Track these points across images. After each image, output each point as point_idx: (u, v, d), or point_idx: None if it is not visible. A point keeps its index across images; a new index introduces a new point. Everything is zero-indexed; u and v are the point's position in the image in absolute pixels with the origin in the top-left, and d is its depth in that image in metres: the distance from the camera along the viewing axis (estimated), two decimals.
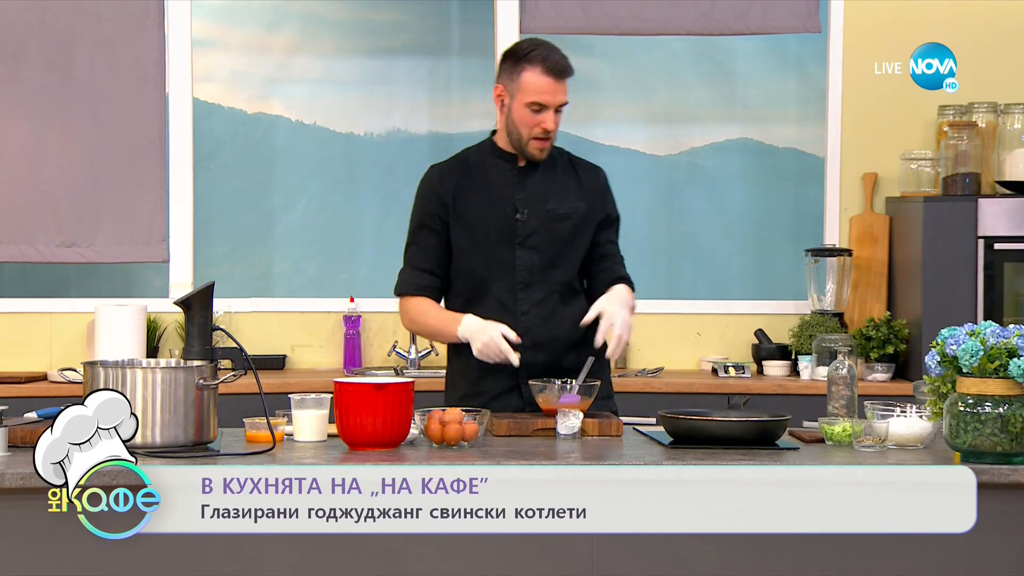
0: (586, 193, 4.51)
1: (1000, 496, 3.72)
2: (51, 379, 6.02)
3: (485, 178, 4.48)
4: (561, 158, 4.54)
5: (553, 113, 4.38)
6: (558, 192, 4.48)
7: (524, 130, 4.41)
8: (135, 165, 6.25)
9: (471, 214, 4.45)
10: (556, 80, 4.36)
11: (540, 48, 4.38)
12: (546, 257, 4.45)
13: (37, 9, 6.18)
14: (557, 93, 4.37)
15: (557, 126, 4.42)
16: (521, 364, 4.38)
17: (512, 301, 4.42)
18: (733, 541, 3.71)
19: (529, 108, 4.37)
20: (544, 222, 4.45)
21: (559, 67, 4.36)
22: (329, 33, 6.76)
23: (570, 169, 4.54)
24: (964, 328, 3.79)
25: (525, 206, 4.45)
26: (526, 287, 4.44)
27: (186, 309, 3.87)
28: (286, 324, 6.46)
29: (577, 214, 4.48)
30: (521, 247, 4.44)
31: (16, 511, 3.54)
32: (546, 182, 4.48)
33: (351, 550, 3.63)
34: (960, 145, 6.20)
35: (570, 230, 4.47)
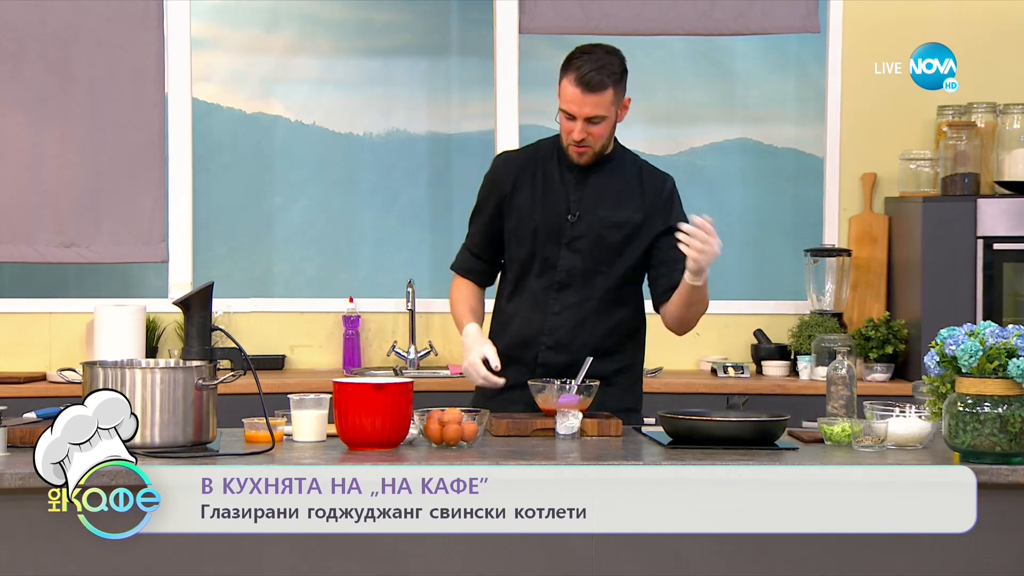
0: (647, 203, 4.48)
1: (999, 496, 3.72)
2: (50, 379, 6.02)
3: (547, 173, 4.48)
4: (632, 165, 4.52)
5: (583, 123, 4.35)
6: (616, 199, 4.46)
7: (563, 136, 4.42)
8: (134, 165, 6.25)
9: (525, 207, 4.47)
10: (584, 92, 4.32)
11: (583, 57, 4.35)
12: (590, 262, 4.44)
13: (37, 9, 6.18)
14: (584, 105, 4.33)
15: (596, 136, 4.37)
16: (540, 363, 4.43)
17: (546, 300, 4.43)
18: (733, 541, 3.71)
19: (563, 115, 4.38)
20: (595, 227, 4.44)
21: (586, 80, 4.31)
22: (328, 33, 6.76)
23: (636, 177, 4.51)
24: (963, 328, 3.79)
25: (579, 208, 4.45)
26: (563, 288, 4.44)
27: (185, 309, 3.87)
28: (285, 324, 6.46)
29: (631, 224, 4.45)
30: (567, 248, 4.44)
31: (16, 511, 3.54)
32: (606, 188, 4.46)
33: (351, 550, 3.63)
34: (959, 145, 6.20)
35: (621, 239, 4.45)
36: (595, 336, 4.45)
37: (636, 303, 4.56)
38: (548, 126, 6.65)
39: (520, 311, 4.48)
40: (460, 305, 4.56)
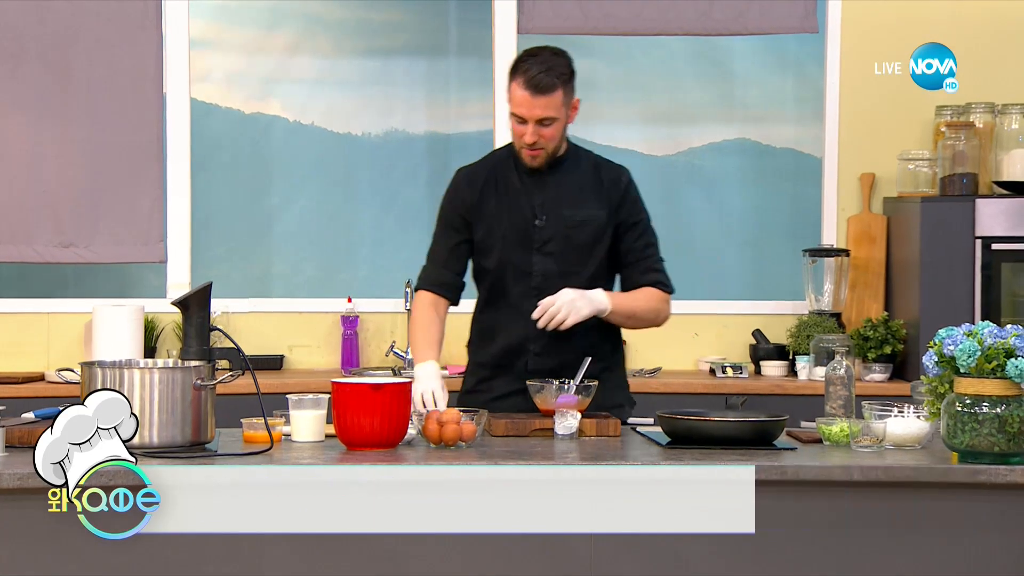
0: (607, 198, 4.49)
1: (998, 496, 3.72)
2: (49, 379, 6.01)
3: (507, 181, 4.48)
4: (586, 161, 4.53)
5: (534, 126, 4.35)
6: (577, 198, 4.47)
7: (514, 140, 4.43)
8: (133, 165, 6.25)
9: (492, 216, 4.47)
10: (532, 95, 4.32)
11: (530, 60, 4.36)
12: (563, 264, 4.45)
13: (36, 9, 6.18)
14: (534, 108, 4.33)
15: (548, 139, 4.38)
16: (531, 370, 4.41)
17: (527, 306, 4.42)
18: (731, 541, 3.71)
19: (513, 118, 4.38)
20: (562, 229, 4.44)
21: (535, 82, 4.31)
22: (327, 33, 6.76)
23: (593, 173, 4.52)
24: (962, 328, 3.79)
25: (544, 212, 4.45)
26: (540, 293, 4.43)
27: (184, 309, 3.87)
28: (284, 324, 6.46)
29: (596, 221, 4.46)
30: (539, 253, 4.45)
31: (15, 511, 3.54)
32: (566, 188, 4.47)
33: (351, 550, 3.63)
34: (958, 145, 6.20)
35: (588, 237, 4.46)
36: (580, 337, 4.43)
37: None
38: None
39: (501, 321, 4.48)
40: (423, 333, 4.48)
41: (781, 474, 3.70)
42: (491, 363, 4.44)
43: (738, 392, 5.79)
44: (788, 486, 3.72)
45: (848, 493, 3.72)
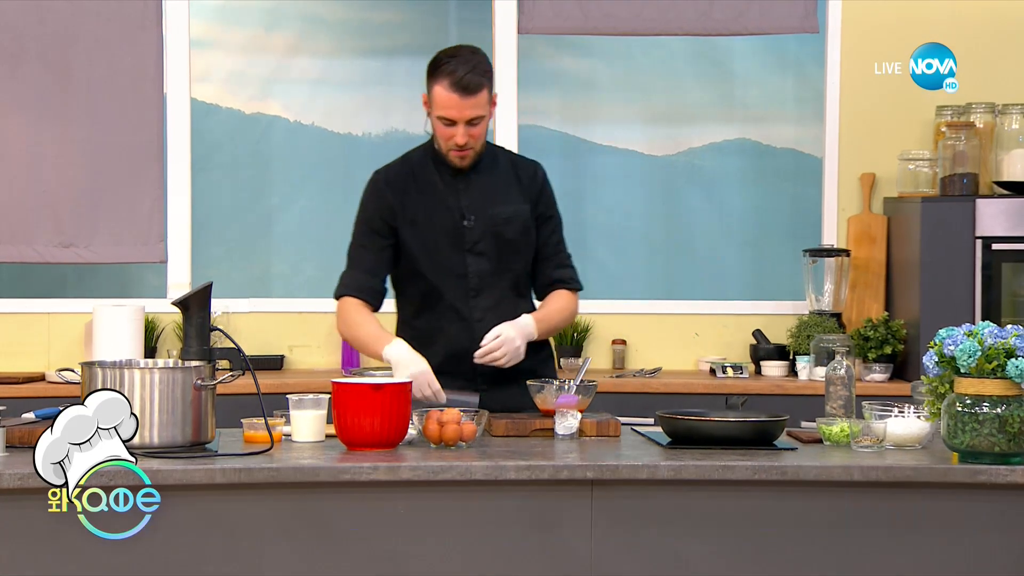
0: (526, 192, 4.49)
1: (998, 496, 3.72)
2: (49, 379, 6.02)
3: (429, 183, 4.46)
4: (503, 157, 4.52)
5: (464, 127, 4.33)
6: (501, 195, 4.46)
7: (442, 142, 4.39)
8: (133, 165, 6.25)
9: (420, 220, 4.43)
10: (462, 96, 4.30)
11: (452, 61, 4.32)
12: (496, 262, 4.43)
13: (36, 9, 6.18)
14: (464, 109, 4.31)
15: (476, 138, 4.36)
16: (480, 372, 4.39)
17: (466, 308, 4.39)
18: (732, 541, 3.71)
19: (441, 122, 4.35)
20: (491, 227, 4.43)
21: (463, 83, 4.29)
22: (327, 33, 6.76)
23: (510, 169, 4.51)
24: (962, 328, 3.79)
25: (471, 212, 4.43)
26: (478, 294, 4.42)
27: (184, 309, 3.87)
28: (284, 324, 6.46)
29: (522, 216, 4.46)
30: (471, 254, 4.43)
31: (15, 511, 3.54)
32: (489, 186, 4.46)
33: (351, 550, 3.64)
34: (958, 145, 6.20)
35: (516, 233, 4.45)
36: None
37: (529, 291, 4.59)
38: (546, 126, 6.67)
39: (440, 325, 4.43)
40: (368, 326, 4.41)
41: (781, 474, 3.71)
42: (435, 369, 4.31)
43: (738, 392, 5.79)
44: (788, 486, 3.72)
45: (848, 493, 3.72)
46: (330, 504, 3.64)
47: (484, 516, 3.69)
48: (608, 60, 6.81)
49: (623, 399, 5.81)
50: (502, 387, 4.39)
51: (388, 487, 3.65)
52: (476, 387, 4.36)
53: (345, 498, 3.64)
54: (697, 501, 3.72)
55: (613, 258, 6.83)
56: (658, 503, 3.72)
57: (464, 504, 3.68)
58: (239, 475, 3.59)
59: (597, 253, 6.77)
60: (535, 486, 3.68)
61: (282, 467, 3.62)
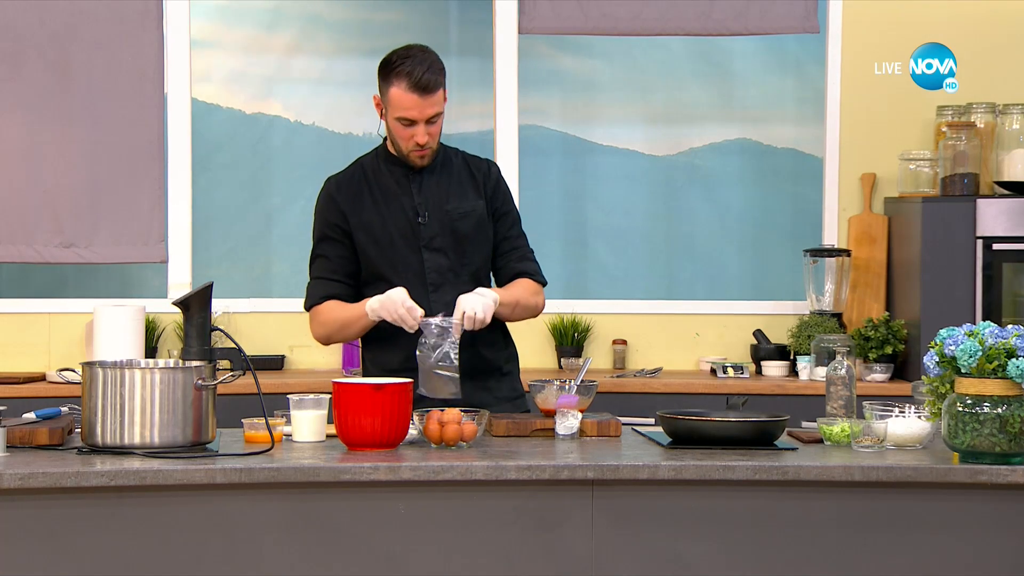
0: (481, 189, 4.49)
1: (999, 496, 3.72)
2: (50, 379, 6.01)
3: (382, 185, 4.45)
4: (456, 157, 4.52)
5: (424, 126, 4.33)
6: (456, 192, 4.46)
7: (400, 143, 4.38)
8: (134, 165, 6.25)
9: (372, 222, 4.43)
10: (421, 95, 4.29)
11: (407, 62, 4.31)
12: (453, 257, 4.43)
13: (36, 9, 6.18)
14: (425, 107, 4.31)
15: (435, 136, 4.37)
16: None
17: (425, 304, 4.36)
18: (732, 541, 3.71)
19: (400, 122, 4.34)
20: (445, 223, 4.42)
21: (423, 83, 4.28)
22: (328, 33, 6.76)
23: (464, 167, 4.51)
24: (962, 328, 3.79)
25: (425, 209, 4.43)
26: (437, 288, 4.41)
27: (185, 309, 3.87)
28: (285, 324, 6.46)
29: (476, 212, 4.46)
30: (427, 250, 4.42)
31: (16, 511, 3.54)
32: (443, 183, 4.46)
33: (351, 550, 3.64)
34: (959, 145, 6.20)
35: (471, 228, 4.44)
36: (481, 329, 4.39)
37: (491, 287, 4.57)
38: (547, 126, 6.67)
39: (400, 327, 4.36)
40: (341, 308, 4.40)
41: (782, 474, 3.70)
42: (399, 367, 4.32)
43: (739, 392, 5.79)
44: (789, 486, 3.72)
45: (849, 493, 3.72)
46: (331, 504, 3.64)
47: (485, 516, 3.69)
48: (609, 60, 6.81)
49: (624, 399, 5.81)
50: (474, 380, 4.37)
51: (389, 487, 3.65)
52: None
53: (346, 498, 3.64)
54: (698, 501, 3.72)
55: (614, 258, 6.84)
56: (659, 503, 3.72)
57: (465, 504, 3.68)
58: (240, 475, 3.59)
59: (598, 253, 6.78)
60: (536, 486, 3.68)
61: (283, 467, 3.62)
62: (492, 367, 4.45)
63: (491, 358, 4.45)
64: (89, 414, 3.74)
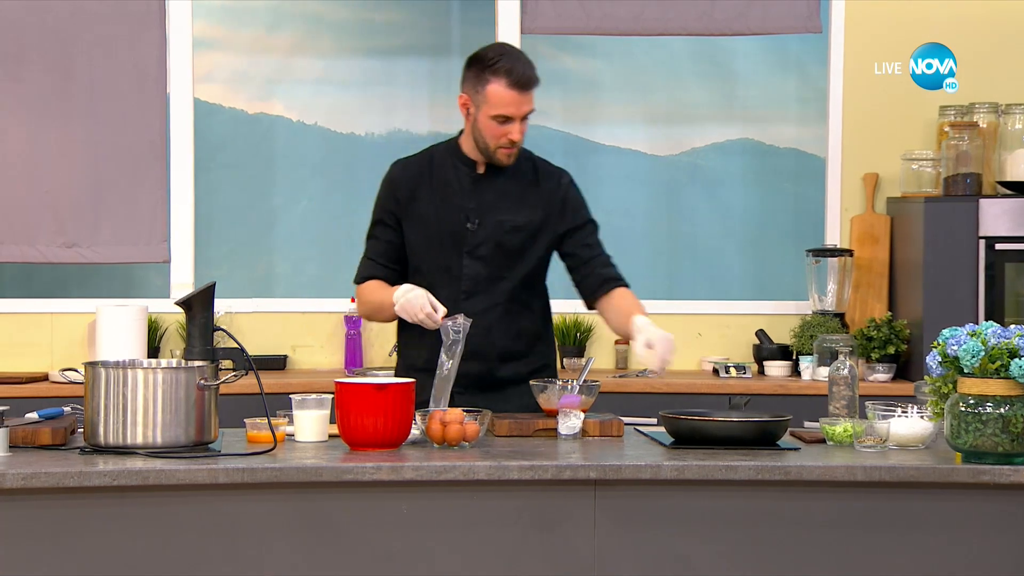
0: (544, 203, 4.44)
1: (1002, 496, 3.72)
2: (52, 379, 6.02)
3: (444, 180, 4.44)
4: (526, 164, 4.46)
5: (519, 123, 4.32)
6: (514, 203, 4.42)
7: (491, 141, 4.35)
8: (136, 166, 6.25)
9: (425, 215, 4.43)
10: (521, 92, 4.29)
11: (505, 58, 4.31)
12: (493, 268, 4.41)
13: (38, 10, 6.18)
14: (523, 104, 4.30)
15: (523, 133, 4.36)
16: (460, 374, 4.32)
17: (456, 310, 4.37)
18: (734, 541, 3.71)
19: (495, 120, 4.31)
20: (495, 233, 4.40)
21: (524, 79, 4.28)
22: (330, 33, 6.76)
23: (532, 177, 4.46)
24: (965, 328, 3.79)
25: (477, 215, 4.41)
26: (470, 296, 4.41)
27: (187, 309, 3.87)
28: (287, 324, 6.46)
29: (531, 226, 4.42)
30: (469, 256, 4.41)
31: (18, 511, 3.54)
32: (502, 192, 4.42)
33: (354, 550, 3.64)
34: (961, 145, 6.20)
35: (520, 242, 4.41)
36: (505, 340, 4.41)
37: (542, 303, 4.54)
38: (548, 126, 6.67)
39: None
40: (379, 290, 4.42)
41: (784, 474, 3.70)
42: (423, 367, 4.34)
43: (741, 392, 5.78)
44: (791, 486, 3.72)
45: (851, 493, 3.72)
46: (333, 504, 3.64)
47: (487, 516, 3.69)
48: (610, 60, 6.81)
49: (626, 399, 5.81)
50: (485, 392, 4.37)
51: (391, 487, 3.65)
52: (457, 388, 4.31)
53: (348, 498, 3.64)
54: (700, 501, 3.72)
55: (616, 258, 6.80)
56: (661, 503, 3.72)
57: (467, 504, 3.68)
58: (242, 475, 3.59)
59: None
60: (538, 486, 3.68)
61: (285, 467, 3.62)
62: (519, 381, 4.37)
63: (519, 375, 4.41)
64: (92, 414, 3.74)
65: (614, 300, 4.46)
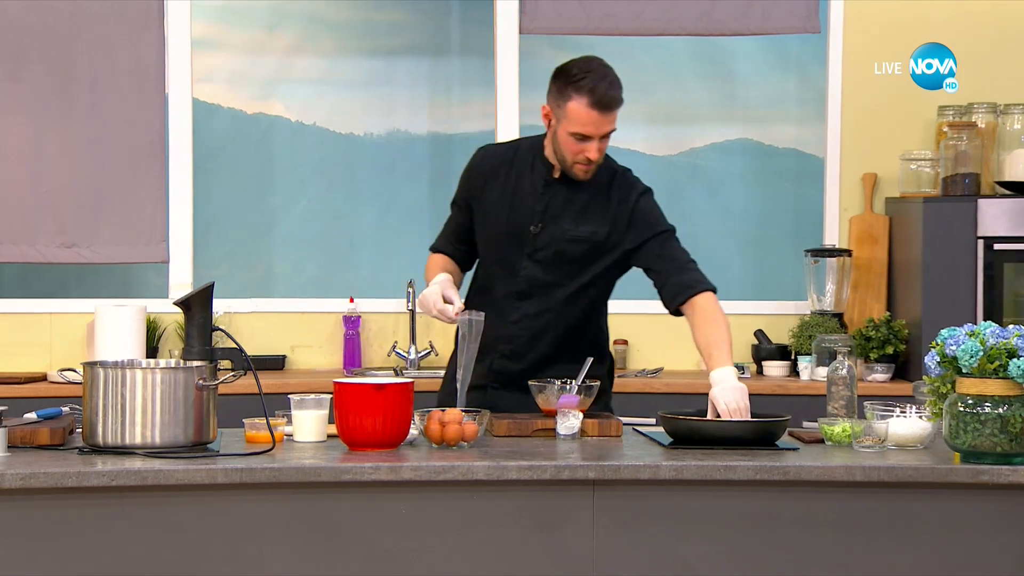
0: (611, 219, 4.39)
1: (1000, 496, 3.72)
2: (51, 379, 6.01)
3: (521, 176, 4.43)
4: (603, 176, 4.39)
5: (598, 141, 4.25)
6: (579, 213, 4.38)
7: (568, 156, 4.30)
8: (135, 166, 6.25)
9: (494, 209, 4.43)
10: (602, 113, 4.21)
11: (589, 76, 4.23)
12: (550, 274, 4.40)
13: (37, 10, 6.18)
14: (602, 125, 4.23)
15: (604, 151, 4.30)
16: (496, 371, 4.40)
17: (508, 307, 4.39)
18: (733, 541, 3.71)
19: (573, 137, 4.25)
20: (557, 240, 4.38)
21: (606, 100, 4.21)
22: (329, 33, 6.76)
23: (605, 191, 4.39)
24: (964, 328, 3.79)
25: (542, 221, 4.39)
26: (524, 297, 4.41)
27: (186, 309, 3.87)
28: (286, 324, 6.46)
29: (593, 239, 4.38)
30: (529, 258, 4.40)
31: (16, 511, 3.54)
32: (570, 200, 4.39)
33: (351, 550, 3.64)
34: (960, 145, 6.20)
35: (582, 253, 4.38)
36: (552, 347, 4.41)
37: (598, 316, 4.54)
38: None
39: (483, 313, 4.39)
40: (432, 270, 4.47)
41: (783, 474, 3.71)
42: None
43: None
44: (790, 486, 3.72)
45: (850, 493, 3.72)
46: (332, 504, 3.64)
47: (486, 516, 3.69)
48: (610, 60, 6.74)
49: (625, 399, 5.80)
50: (510, 390, 4.39)
51: (390, 487, 3.65)
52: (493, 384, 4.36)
53: (347, 498, 3.64)
54: (699, 501, 3.72)
55: None
56: (660, 503, 3.72)
57: (466, 504, 3.68)
58: (241, 475, 3.59)
59: None
60: (537, 486, 3.68)
61: (284, 467, 3.62)
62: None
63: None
64: (90, 414, 3.74)
65: (695, 316, 4.35)
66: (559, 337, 4.42)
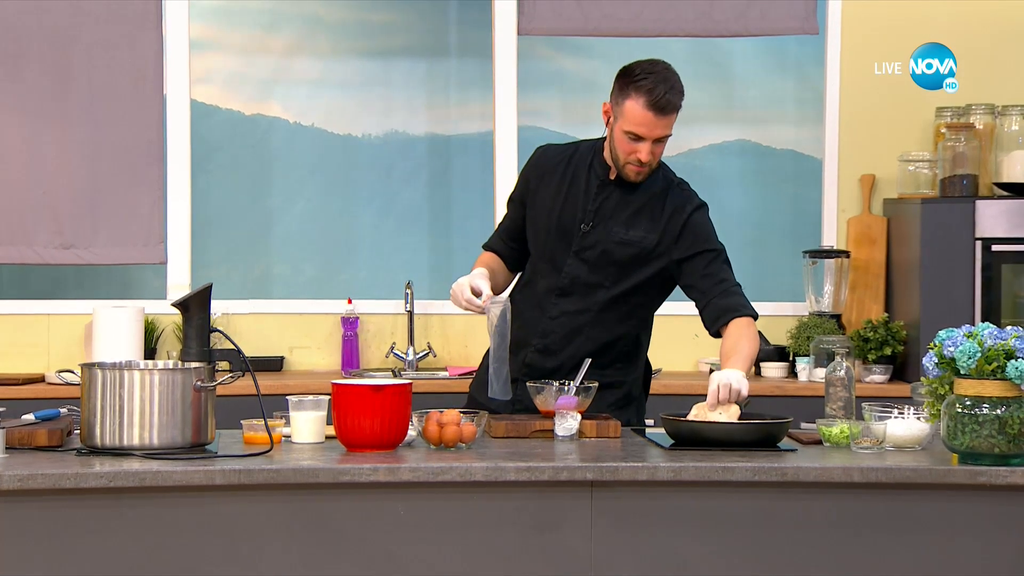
0: (662, 227, 4.38)
1: (998, 498, 3.72)
2: (49, 381, 6.01)
3: (576, 176, 4.44)
4: (659, 184, 4.40)
5: (651, 144, 4.26)
6: (631, 217, 4.38)
7: (621, 154, 4.32)
8: (133, 167, 6.25)
9: (547, 204, 4.44)
10: (657, 116, 4.22)
11: (650, 77, 4.24)
12: (594, 274, 4.40)
13: (35, 10, 6.18)
14: (656, 127, 4.24)
15: (658, 156, 4.31)
16: (528, 365, 4.41)
17: (548, 302, 4.41)
18: (732, 541, 3.71)
19: (627, 136, 4.27)
20: (604, 241, 4.38)
21: (663, 102, 4.21)
22: (327, 35, 6.76)
23: (660, 199, 4.39)
24: (962, 330, 3.79)
25: (593, 219, 4.39)
26: (565, 295, 4.42)
27: (184, 311, 3.87)
28: (284, 326, 6.46)
29: (641, 245, 4.37)
30: (575, 256, 4.41)
31: (15, 512, 3.54)
32: (623, 203, 4.39)
33: (350, 550, 3.64)
34: (958, 147, 6.20)
35: (628, 257, 4.38)
36: (587, 347, 4.40)
37: (638, 323, 4.52)
38: (546, 127, 6.67)
39: (523, 308, 4.45)
40: (475, 266, 4.49)
41: (781, 475, 3.71)
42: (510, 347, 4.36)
43: None
44: (788, 487, 3.72)
45: (848, 494, 3.73)
46: (330, 505, 3.64)
47: (484, 517, 3.69)
48: (608, 61, 6.79)
49: None
50: None
51: (388, 488, 3.65)
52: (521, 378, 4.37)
53: (345, 499, 3.64)
54: (697, 502, 3.72)
55: None
56: (658, 504, 3.72)
57: (464, 505, 3.68)
58: (239, 476, 3.59)
59: None
60: (535, 487, 3.68)
61: (282, 468, 3.62)
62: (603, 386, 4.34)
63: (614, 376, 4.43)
64: (88, 415, 3.74)
65: (729, 338, 4.32)
66: (594, 339, 4.42)
